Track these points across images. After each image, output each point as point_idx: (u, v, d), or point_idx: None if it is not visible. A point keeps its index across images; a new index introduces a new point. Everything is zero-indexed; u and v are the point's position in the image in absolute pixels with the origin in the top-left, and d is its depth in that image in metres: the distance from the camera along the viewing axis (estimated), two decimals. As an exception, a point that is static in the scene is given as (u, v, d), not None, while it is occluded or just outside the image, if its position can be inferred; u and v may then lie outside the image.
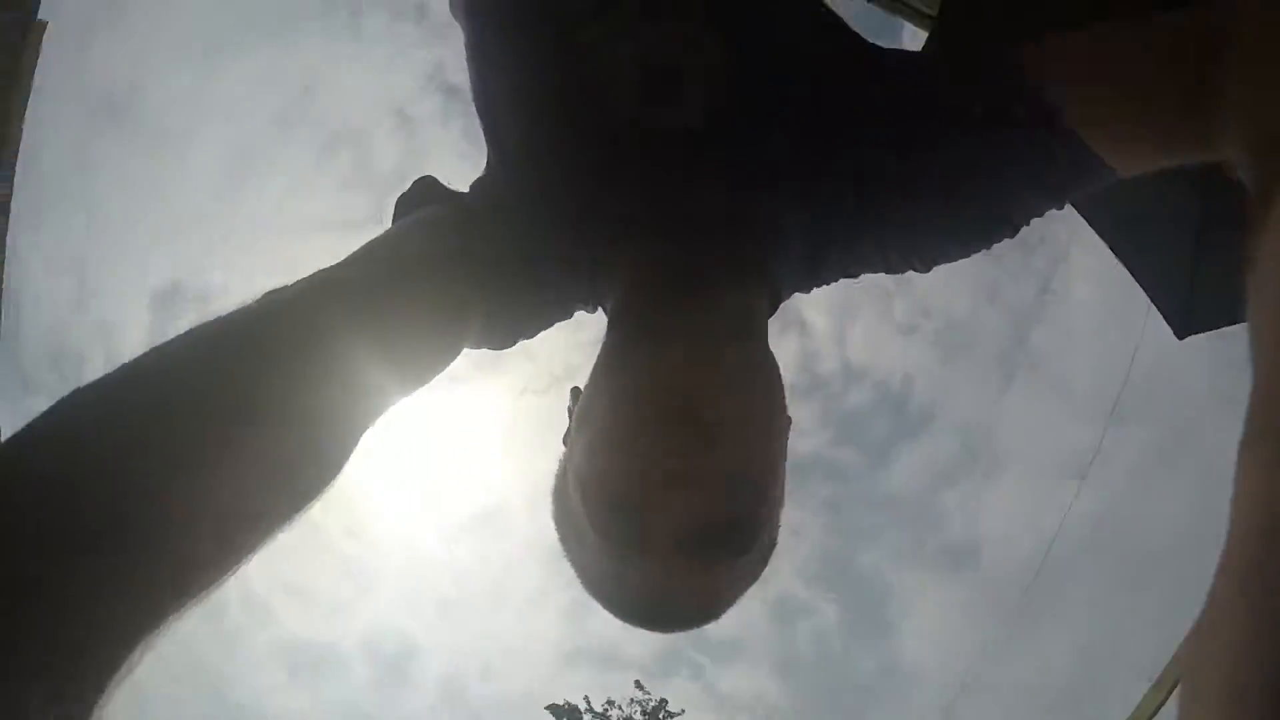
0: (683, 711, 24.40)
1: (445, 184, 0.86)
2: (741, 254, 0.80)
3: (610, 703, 24.47)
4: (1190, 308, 1.74)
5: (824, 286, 0.92)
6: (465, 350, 0.83)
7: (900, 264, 0.84)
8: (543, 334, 0.90)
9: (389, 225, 0.81)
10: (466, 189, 0.86)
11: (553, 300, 0.89)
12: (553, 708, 24.60)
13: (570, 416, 0.80)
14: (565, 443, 0.79)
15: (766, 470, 0.71)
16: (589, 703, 24.47)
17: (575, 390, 0.81)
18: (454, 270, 0.74)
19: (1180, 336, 1.75)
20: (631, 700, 24.33)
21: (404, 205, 0.83)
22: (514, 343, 0.89)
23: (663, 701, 24.36)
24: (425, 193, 0.84)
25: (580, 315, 0.92)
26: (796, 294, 0.92)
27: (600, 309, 0.88)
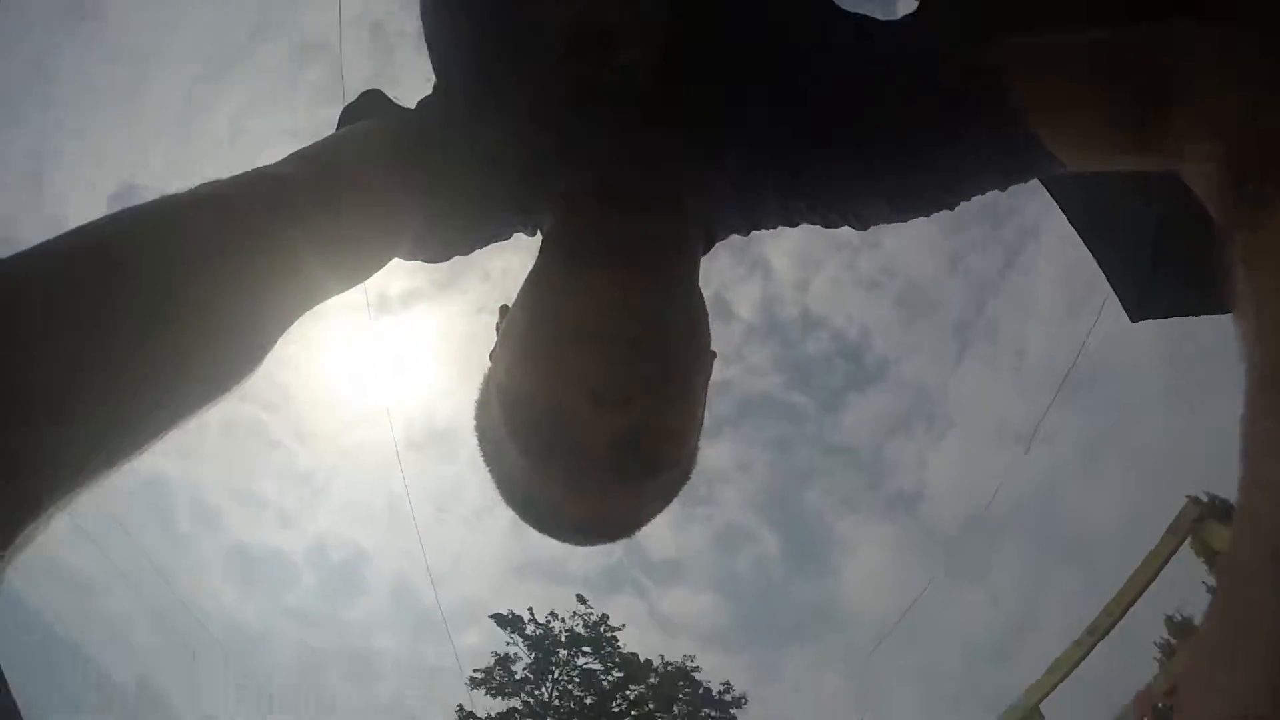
0: (623, 626, 25.30)
1: (394, 100, 0.86)
2: (676, 192, 0.82)
3: (553, 614, 25.28)
4: (1146, 296, 1.78)
5: (774, 230, 0.93)
6: (413, 263, 0.85)
7: (836, 220, 0.86)
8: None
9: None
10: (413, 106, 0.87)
11: (488, 221, 0.90)
12: (497, 617, 25.31)
13: (497, 333, 0.81)
14: (490, 358, 0.80)
15: (686, 396, 0.73)
16: (533, 614, 25.24)
17: (504, 308, 0.82)
18: (390, 180, 0.73)
19: (1133, 320, 1.80)
20: (574, 614, 25.20)
21: (349, 115, 0.83)
22: (448, 257, 0.90)
23: (604, 616, 25.19)
24: (372, 106, 0.84)
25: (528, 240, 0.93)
26: (760, 236, 0.94)
27: (539, 232, 0.89)
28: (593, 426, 0.66)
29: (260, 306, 0.59)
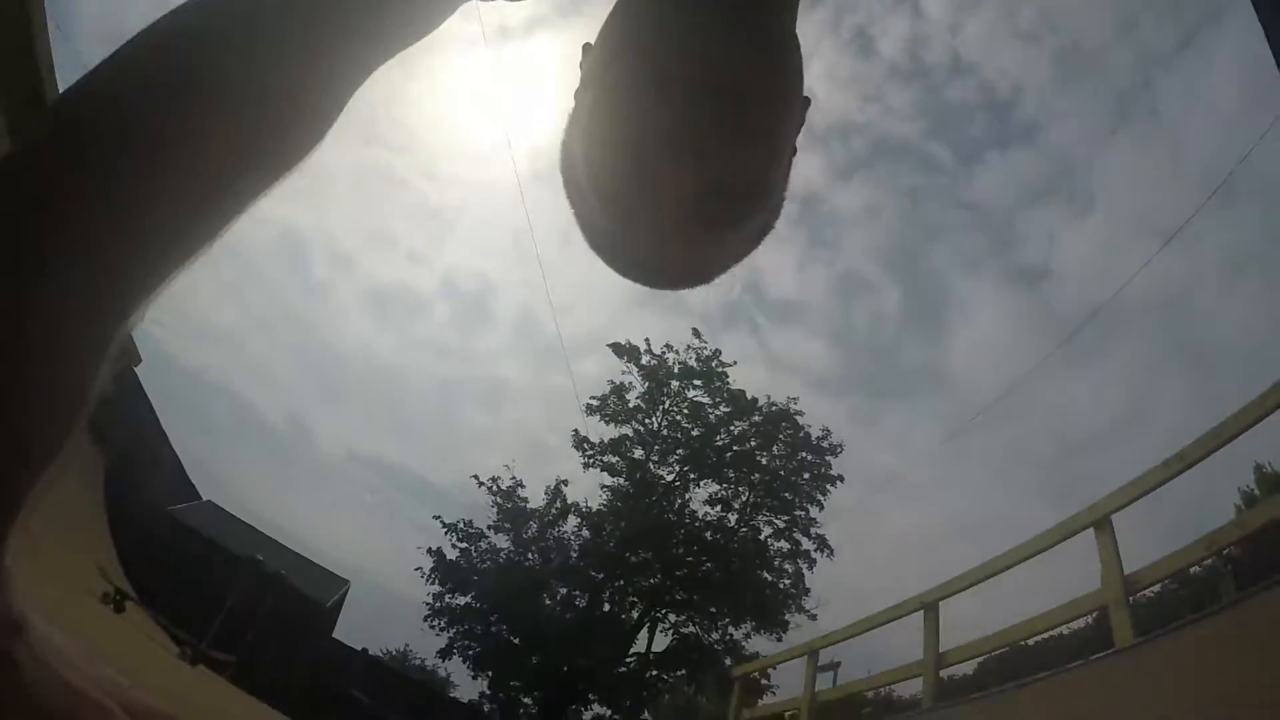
0: (734, 363, 26.39)
1: None
2: None
3: (669, 346, 26.46)
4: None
5: None
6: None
7: None
8: None
9: None
10: None
11: None
12: (614, 346, 26.62)
13: (580, 71, 0.79)
14: (575, 99, 0.78)
15: (772, 145, 0.71)
16: (649, 344, 26.48)
17: (586, 46, 0.79)
18: None
19: None
20: (688, 347, 26.33)
21: None
22: None
23: (716, 351, 26.26)
24: None
25: None
26: None
27: None
28: (675, 175, 0.65)
29: (320, 73, 0.59)
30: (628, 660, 23.71)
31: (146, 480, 13.19)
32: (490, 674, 22.87)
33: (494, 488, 24.30)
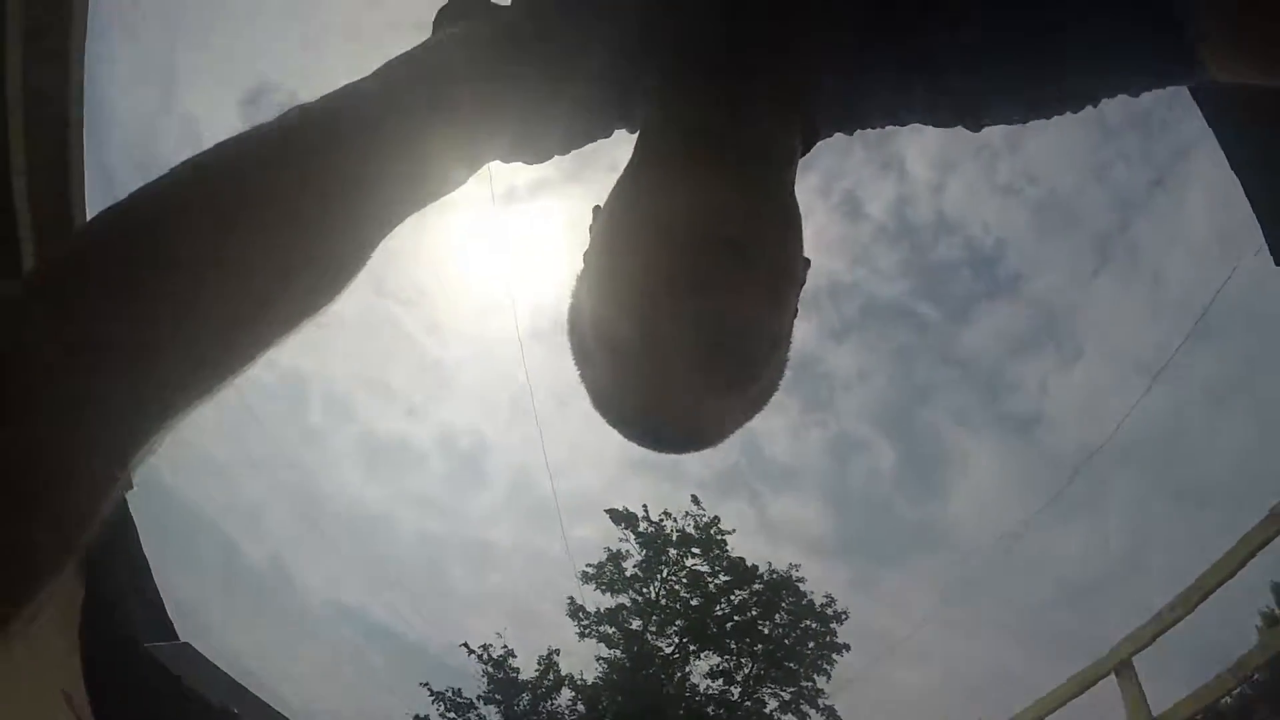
0: (733, 531, 26.07)
1: None
2: (778, 81, 0.78)
3: (666, 514, 26.30)
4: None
5: (873, 130, 0.91)
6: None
7: (950, 119, 0.83)
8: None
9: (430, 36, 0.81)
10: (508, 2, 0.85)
11: (586, 118, 0.89)
12: (612, 512, 26.53)
13: (590, 233, 0.80)
14: (583, 259, 0.79)
15: (775, 300, 0.72)
16: (646, 511, 26.36)
17: (596, 208, 0.80)
18: (483, 87, 0.72)
19: (1278, 263, 1.70)
20: (686, 514, 26.14)
21: (445, 17, 0.83)
22: (548, 157, 0.88)
23: (715, 519, 26.11)
24: (465, 6, 0.83)
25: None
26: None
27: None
28: (679, 328, 0.65)
29: (355, 220, 0.62)
30: None
31: (125, 612, 13.05)
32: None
33: (484, 656, 23.35)
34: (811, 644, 23.91)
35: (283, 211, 0.56)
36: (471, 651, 23.44)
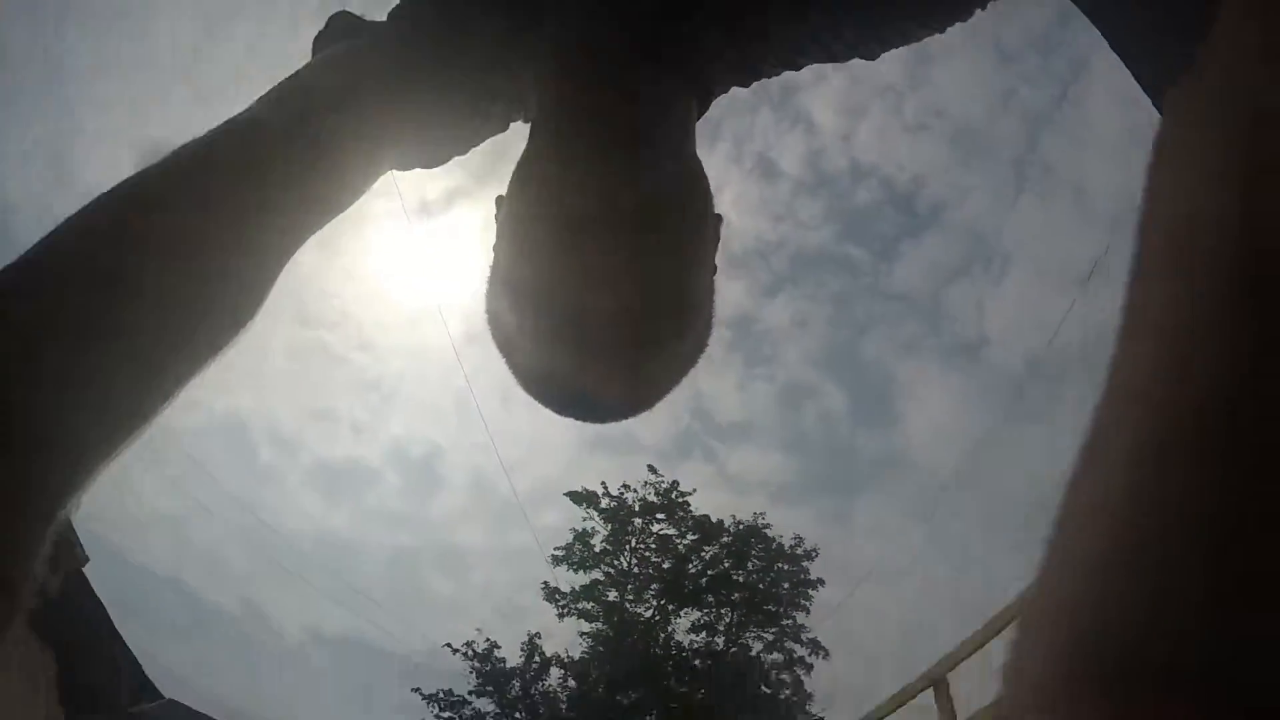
0: (694, 490, 26.51)
1: (362, 18, 0.85)
2: (668, 39, 0.77)
3: (626, 486, 26.62)
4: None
5: (768, 78, 0.89)
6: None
7: (846, 51, 0.82)
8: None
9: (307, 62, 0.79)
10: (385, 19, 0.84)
11: (478, 114, 0.86)
12: (572, 494, 26.73)
13: (496, 223, 0.79)
14: (494, 251, 0.78)
15: (690, 264, 0.72)
16: (605, 488, 26.64)
17: (499, 199, 0.78)
18: (368, 101, 0.72)
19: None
20: (645, 483, 26.51)
21: (323, 39, 0.82)
22: (447, 159, 0.88)
23: (674, 483, 26.53)
24: (342, 28, 0.83)
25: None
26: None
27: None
28: (595, 305, 0.65)
29: (255, 249, 0.61)
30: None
31: (103, 684, 12.86)
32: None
33: (469, 653, 23.40)
34: (786, 584, 24.61)
35: (179, 244, 0.56)
36: (456, 650, 23.49)
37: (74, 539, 7.88)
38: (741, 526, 25.37)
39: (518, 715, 22.94)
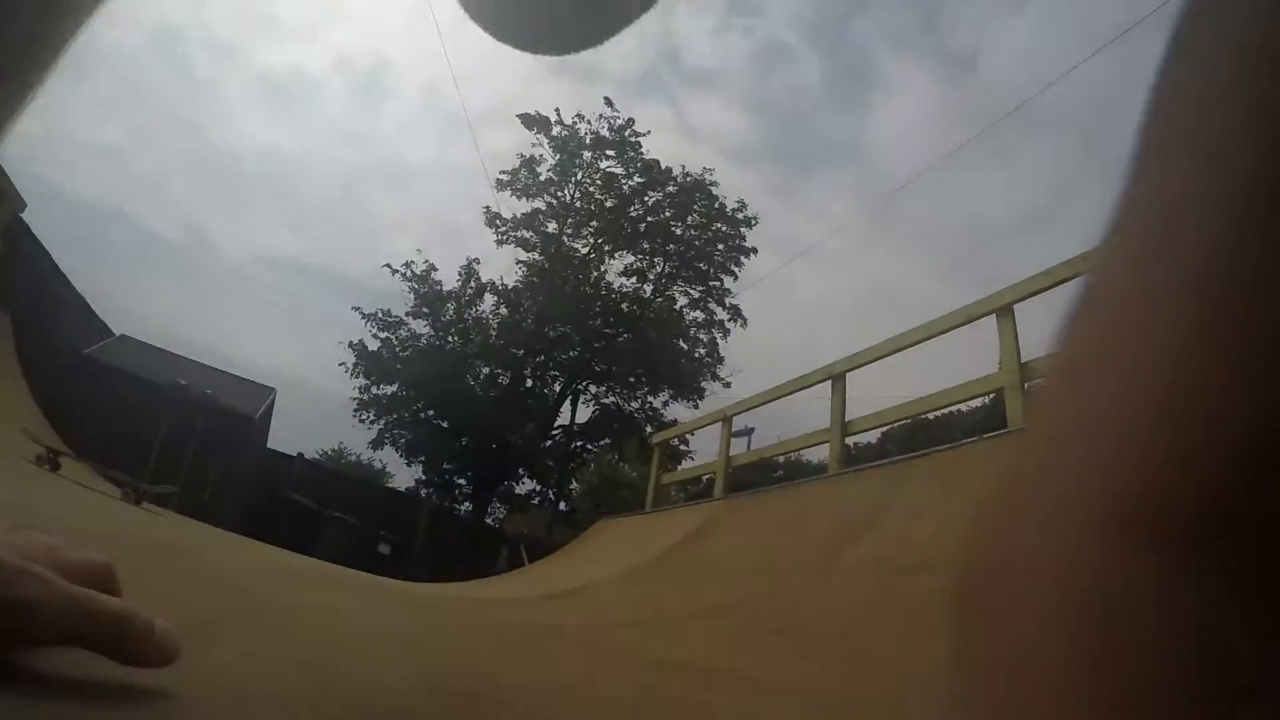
0: (648, 132, 25.70)
1: None
2: None
3: (580, 116, 25.43)
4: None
5: None
6: None
7: None
8: None
9: None
10: None
11: None
12: (524, 117, 25.36)
13: None
14: None
15: None
16: (559, 115, 25.37)
17: None
18: None
19: None
20: (600, 116, 25.38)
21: None
22: None
23: (630, 121, 25.41)
24: None
25: None
26: None
27: None
28: None
29: None
30: (553, 434, 24.84)
31: (56, 329, 12.56)
32: (423, 459, 23.70)
33: (408, 274, 23.87)
34: (721, 246, 25.26)
35: None
36: (395, 271, 23.82)
37: (7, 184, 7.44)
38: (689, 179, 25.21)
39: (450, 338, 24.25)
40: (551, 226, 25.47)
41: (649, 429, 21.57)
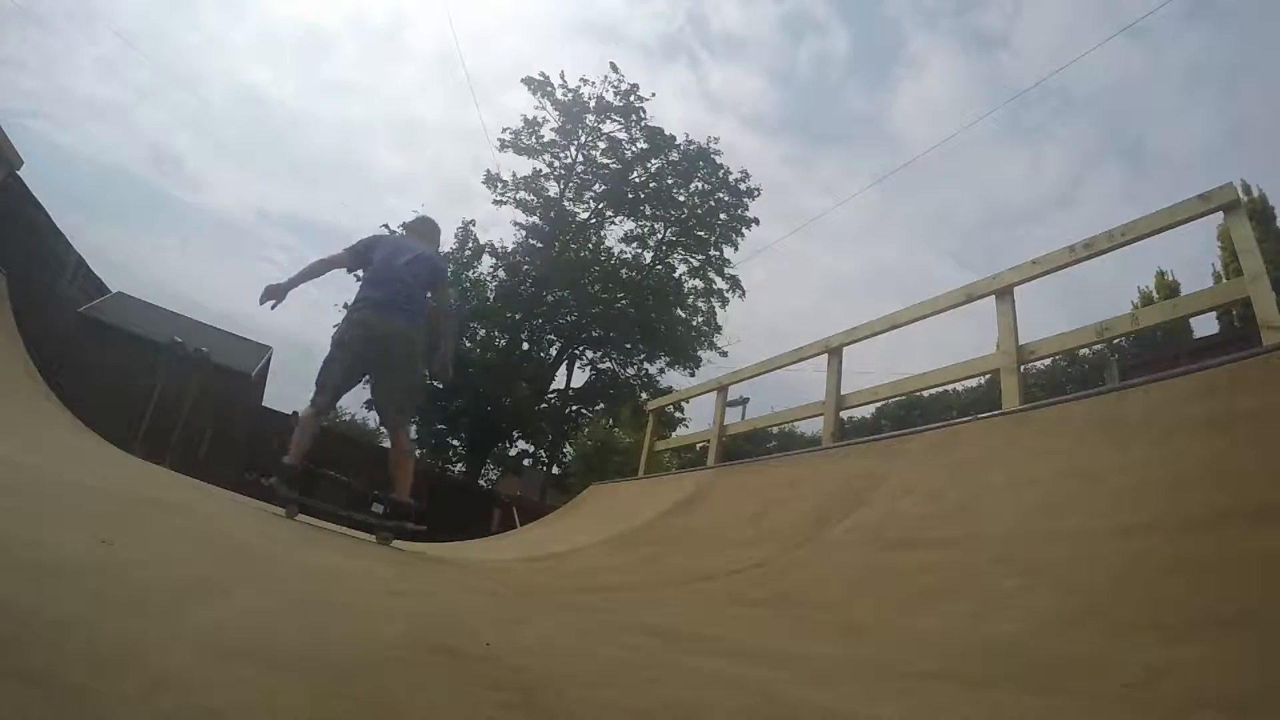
0: (653, 96, 25.36)
1: None
2: None
3: (585, 80, 25.02)
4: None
5: None
6: None
7: None
8: None
9: None
10: None
11: None
12: (528, 80, 24.89)
13: None
14: None
15: None
16: (563, 78, 24.95)
17: None
18: None
19: None
20: (605, 79, 24.94)
21: None
22: None
23: (634, 86, 24.92)
24: None
25: None
26: None
27: None
28: None
29: None
30: (548, 397, 24.73)
31: (52, 286, 12.50)
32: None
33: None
34: (723, 216, 25.06)
35: None
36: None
37: (3, 141, 7.31)
38: (694, 146, 24.92)
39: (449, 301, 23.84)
40: (552, 189, 25.22)
41: (644, 395, 21.54)
